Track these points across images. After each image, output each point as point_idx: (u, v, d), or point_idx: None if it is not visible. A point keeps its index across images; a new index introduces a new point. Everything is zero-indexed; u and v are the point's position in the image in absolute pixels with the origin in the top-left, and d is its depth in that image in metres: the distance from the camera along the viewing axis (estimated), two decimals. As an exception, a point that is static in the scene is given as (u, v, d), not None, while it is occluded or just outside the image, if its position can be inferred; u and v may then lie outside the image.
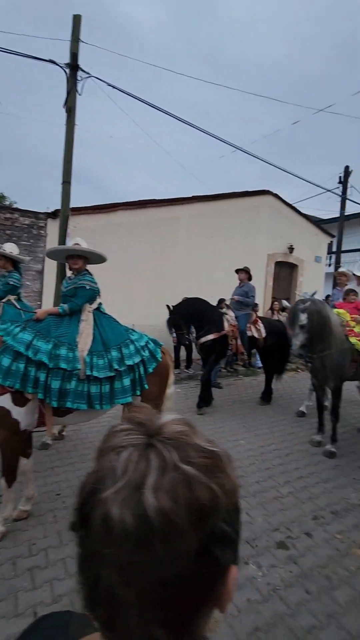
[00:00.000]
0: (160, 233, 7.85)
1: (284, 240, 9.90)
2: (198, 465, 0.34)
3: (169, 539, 0.30)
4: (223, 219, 8.71)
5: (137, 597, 0.31)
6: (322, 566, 2.24)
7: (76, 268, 2.77)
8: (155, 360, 2.71)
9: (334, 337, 3.84)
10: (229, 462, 0.38)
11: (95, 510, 0.32)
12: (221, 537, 0.34)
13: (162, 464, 0.33)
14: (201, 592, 0.34)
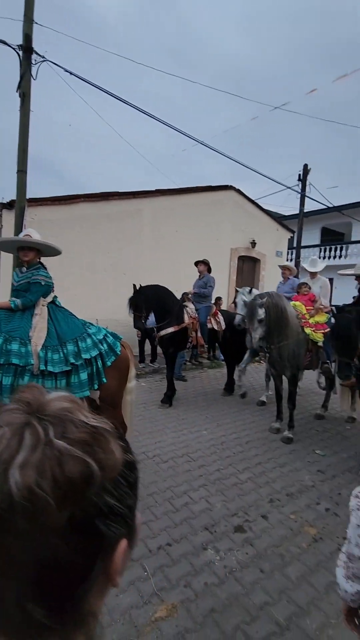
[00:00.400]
0: (124, 226, 7.74)
1: (247, 235, 10.12)
2: (73, 440, 0.34)
3: (34, 515, 0.30)
4: (187, 213, 8.73)
5: (10, 575, 0.31)
6: (276, 546, 2.35)
7: (26, 260, 2.66)
8: (114, 354, 2.68)
9: (290, 328, 4.00)
10: (113, 437, 0.38)
11: None
12: (104, 511, 0.34)
13: (35, 441, 0.32)
14: (84, 567, 0.34)
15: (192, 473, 3.21)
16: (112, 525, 0.35)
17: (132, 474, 0.39)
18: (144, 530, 2.43)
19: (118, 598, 1.89)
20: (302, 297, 4.75)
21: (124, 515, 0.37)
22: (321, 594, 1.97)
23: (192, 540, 2.36)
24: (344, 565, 1.04)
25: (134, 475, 0.40)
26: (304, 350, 4.20)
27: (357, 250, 16.09)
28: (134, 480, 0.39)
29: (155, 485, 2.99)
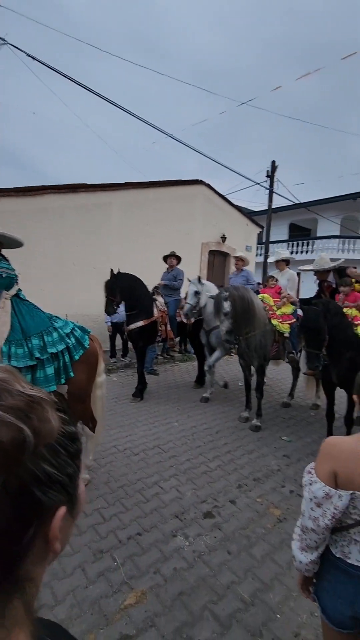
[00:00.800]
0: (92, 219, 7.58)
1: (217, 229, 10.23)
2: (7, 406, 0.35)
3: None
4: (157, 207, 8.69)
5: None
6: (244, 528, 2.44)
7: None
8: (82, 348, 2.65)
9: (257, 319, 4.10)
10: (51, 407, 0.40)
11: None
12: (41, 477, 0.35)
13: None
14: (18, 532, 0.35)
15: (163, 464, 3.25)
16: (49, 492, 0.36)
17: (73, 445, 0.40)
18: (114, 522, 2.44)
19: (87, 590, 1.90)
20: (269, 289, 4.89)
21: (63, 483, 0.38)
22: (284, 569, 2.08)
23: (162, 528, 2.40)
24: (298, 538, 1.11)
25: (75, 446, 0.41)
26: (271, 341, 4.33)
27: (322, 245, 16.70)
28: (75, 451, 0.41)
29: (125, 478, 3.00)
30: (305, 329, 3.40)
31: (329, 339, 3.26)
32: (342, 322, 3.40)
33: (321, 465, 1.04)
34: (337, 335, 3.29)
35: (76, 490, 0.41)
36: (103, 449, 3.43)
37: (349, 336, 3.39)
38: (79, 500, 0.42)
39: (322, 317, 3.23)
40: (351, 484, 0.99)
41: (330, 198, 17.34)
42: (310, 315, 3.30)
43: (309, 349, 3.33)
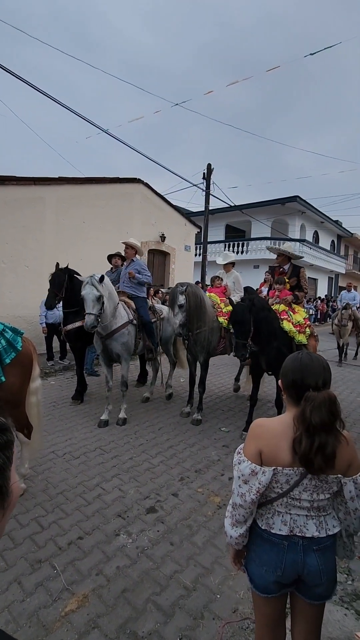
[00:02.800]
0: (24, 215, 7.12)
1: (156, 229, 10.29)
2: None
3: None
4: (95, 204, 8.46)
5: None
6: (186, 519, 2.51)
7: None
8: (14, 350, 2.49)
9: (207, 316, 4.28)
10: None
11: None
12: None
13: None
14: None
15: (105, 465, 3.20)
16: None
17: (1, 436, 0.40)
18: (54, 529, 2.35)
19: (24, 603, 1.80)
20: (216, 289, 5.11)
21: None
22: (223, 552, 2.18)
23: (104, 529, 2.37)
24: (229, 515, 1.19)
25: (4, 437, 0.41)
26: (217, 337, 4.49)
27: (255, 246, 17.72)
28: (3, 442, 0.41)
29: (65, 483, 2.89)
30: (233, 322, 3.68)
31: (256, 330, 3.56)
32: (268, 316, 3.75)
33: (248, 445, 1.13)
34: (264, 327, 3.62)
35: (7, 482, 0.40)
36: (41, 456, 3.26)
37: (275, 328, 3.79)
38: (10, 492, 0.41)
39: (248, 311, 3.51)
40: (274, 460, 1.09)
41: (262, 202, 18.47)
42: (238, 309, 3.58)
43: (237, 339, 3.61)
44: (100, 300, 3.85)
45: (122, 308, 4.36)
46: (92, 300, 3.81)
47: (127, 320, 4.31)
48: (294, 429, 1.08)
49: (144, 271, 4.75)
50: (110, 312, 4.09)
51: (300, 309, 4.37)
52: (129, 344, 4.31)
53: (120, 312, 4.26)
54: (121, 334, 4.21)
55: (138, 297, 4.73)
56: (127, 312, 4.41)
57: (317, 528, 1.13)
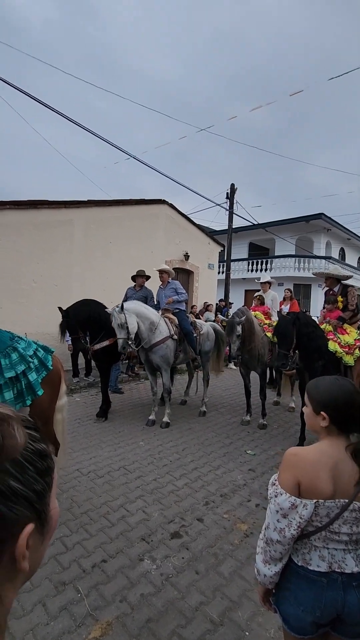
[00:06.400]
0: (54, 236, 7.45)
1: (180, 247, 10.45)
2: None
3: None
4: (121, 225, 8.74)
5: None
6: (211, 546, 2.43)
7: None
8: (45, 369, 2.56)
9: (257, 334, 4.70)
10: (18, 423, 0.40)
11: None
12: (5, 492, 0.36)
13: None
14: None
15: (129, 485, 3.17)
16: (15, 507, 0.36)
17: (41, 462, 0.41)
18: (78, 550, 2.33)
19: (49, 626, 1.78)
20: (259, 307, 5.63)
21: (29, 499, 0.38)
22: (252, 585, 2.08)
23: (128, 553, 2.33)
24: (262, 551, 1.13)
25: (44, 463, 0.41)
26: (267, 349, 4.93)
27: (280, 264, 17.59)
28: (44, 468, 0.41)
29: (90, 502, 2.88)
30: (277, 333, 4.04)
31: (301, 345, 3.85)
32: (313, 333, 3.92)
33: (285, 476, 1.08)
34: (307, 343, 3.85)
35: (46, 508, 0.41)
36: (65, 473, 3.28)
37: (319, 346, 3.91)
38: (50, 519, 0.42)
39: (291, 324, 3.83)
40: (314, 492, 1.04)
41: (285, 220, 18.43)
42: (282, 322, 3.96)
43: (279, 349, 3.94)
44: (124, 326, 4.36)
45: (164, 324, 4.83)
46: (117, 328, 4.40)
47: (167, 335, 4.75)
48: (334, 459, 1.05)
49: (180, 290, 5.24)
50: (147, 328, 4.60)
51: (353, 330, 4.32)
52: (167, 356, 4.75)
53: (161, 328, 4.72)
54: (160, 348, 4.67)
55: (180, 312, 5.16)
56: (169, 327, 4.86)
57: (356, 563, 1.06)
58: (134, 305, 4.58)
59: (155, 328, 4.66)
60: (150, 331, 4.62)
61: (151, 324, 4.63)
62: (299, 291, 17.34)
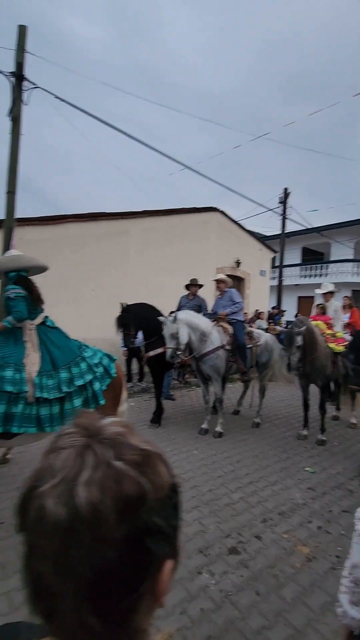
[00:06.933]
0: (111, 246, 7.82)
1: (231, 254, 10.38)
2: (129, 461, 0.37)
3: (95, 528, 0.33)
4: (173, 233, 8.92)
5: (70, 586, 0.34)
6: (271, 566, 2.34)
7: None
8: (109, 377, 2.68)
9: (319, 345, 4.52)
10: (160, 460, 0.41)
11: (31, 505, 0.35)
12: (153, 529, 0.37)
13: (96, 462, 0.36)
14: (134, 583, 0.36)
15: (185, 494, 3.18)
16: (159, 544, 0.38)
17: (175, 496, 0.42)
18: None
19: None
20: (320, 317, 5.33)
21: (170, 535, 0.39)
22: (317, 614, 1.97)
23: (186, 564, 2.33)
24: (349, 591, 1.04)
25: (177, 497, 0.42)
26: (329, 361, 4.72)
27: (336, 269, 16.68)
28: (177, 502, 0.42)
29: (147, 509, 2.94)
30: (353, 349, 4.00)
31: None
32: None
33: None
34: None
35: (178, 544, 0.42)
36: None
37: None
38: (179, 554, 0.43)
39: None
40: None
41: (342, 223, 17.47)
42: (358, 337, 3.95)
43: (353, 364, 3.93)
44: (175, 336, 4.40)
45: (217, 333, 4.78)
46: (168, 337, 4.48)
47: (218, 345, 4.70)
48: None
49: (236, 299, 5.17)
50: (197, 339, 4.59)
51: None
52: (217, 366, 4.69)
53: (212, 338, 4.69)
54: (210, 358, 4.64)
55: (236, 322, 5.04)
56: (222, 337, 4.80)
57: None
58: (186, 316, 4.62)
59: (206, 338, 4.64)
60: (201, 341, 4.61)
61: (202, 334, 4.63)
62: (358, 298, 16.29)
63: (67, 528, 0.33)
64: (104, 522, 0.34)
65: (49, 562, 0.34)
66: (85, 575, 0.34)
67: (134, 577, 0.36)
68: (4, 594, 2.04)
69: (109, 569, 0.34)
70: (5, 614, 1.91)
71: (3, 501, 2.94)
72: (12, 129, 5.70)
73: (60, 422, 2.35)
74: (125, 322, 4.80)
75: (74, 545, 0.33)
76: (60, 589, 0.34)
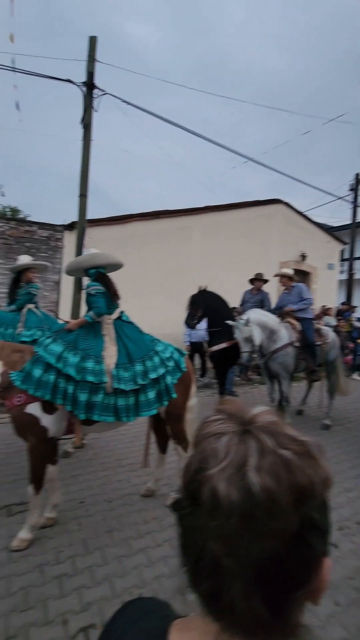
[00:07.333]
0: (173, 242, 7.96)
1: (296, 248, 9.91)
2: (295, 451, 0.36)
3: (271, 515, 0.33)
4: (235, 228, 8.78)
5: (241, 568, 0.34)
6: (350, 577, 2.21)
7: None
8: (180, 370, 2.73)
9: None
10: (320, 453, 0.40)
11: (203, 487, 0.35)
12: (315, 524, 0.36)
13: (261, 448, 0.36)
14: (297, 577, 0.36)
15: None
16: (318, 540, 0.37)
17: (327, 492, 0.40)
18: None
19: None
20: None
21: (326, 532, 0.38)
22: None
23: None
24: None
25: (326, 494, 0.40)
26: None
27: None
28: (327, 499, 0.40)
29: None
30: None
31: None
32: None
33: None
34: None
35: (329, 542, 0.41)
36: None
37: None
38: (330, 554, 0.41)
39: None
40: None
41: None
42: None
43: None
44: (249, 340, 4.29)
45: (285, 330, 4.60)
46: (242, 341, 4.36)
47: (287, 342, 4.53)
48: None
49: (305, 296, 4.90)
50: (267, 337, 4.45)
51: None
52: (286, 363, 4.54)
53: (281, 335, 4.53)
54: (279, 355, 4.49)
55: (305, 319, 4.82)
56: (290, 334, 4.62)
57: None
58: (256, 316, 4.50)
59: (274, 335, 4.52)
60: (270, 339, 4.51)
61: (271, 332, 4.51)
62: None
63: (244, 512, 0.33)
64: (279, 510, 0.33)
65: (219, 542, 0.34)
66: (256, 560, 0.34)
67: (301, 571, 0.36)
68: (87, 569, 2.20)
69: (280, 559, 0.34)
70: (88, 587, 2.06)
71: (81, 483, 3.18)
72: (83, 136, 6.06)
73: (135, 413, 2.45)
74: (197, 301, 4.91)
75: (250, 530, 0.33)
76: (230, 569, 0.34)
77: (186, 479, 0.38)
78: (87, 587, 2.06)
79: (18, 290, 3.78)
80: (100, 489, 3.09)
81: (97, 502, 2.88)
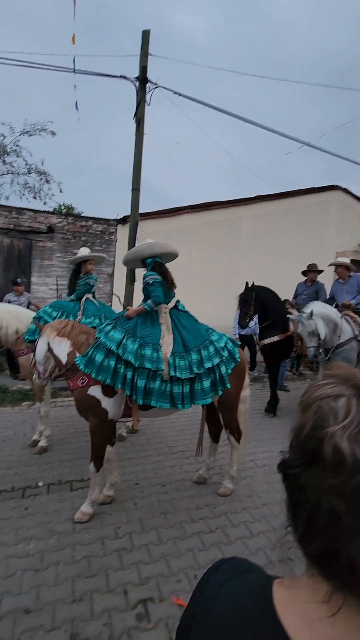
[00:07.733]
0: (223, 234, 7.88)
1: (355, 237, 9.29)
2: None
3: None
4: (288, 217, 8.46)
5: None
6: None
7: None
8: (234, 361, 2.72)
9: None
10: None
11: (323, 445, 0.36)
12: None
13: None
14: None
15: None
16: None
17: None
18: (262, 540, 2.39)
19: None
20: None
21: None
22: None
23: (315, 559, 2.23)
24: None
25: None
26: None
27: None
28: None
29: (268, 496, 2.92)
30: None
31: None
32: None
33: None
34: None
35: None
36: (242, 462, 3.43)
37: None
38: None
39: None
40: None
41: None
42: None
43: None
44: (314, 333, 4.10)
45: (346, 323, 4.39)
46: (307, 336, 4.17)
47: (351, 336, 4.34)
48: None
49: None
50: (330, 331, 4.26)
51: None
52: (350, 358, 4.33)
53: (344, 329, 4.33)
54: (343, 350, 4.30)
55: None
56: (353, 327, 4.43)
57: None
58: (319, 309, 4.26)
59: (338, 330, 4.30)
60: (334, 333, 4.29)
61: (335, 326, 4.30)
62: None
63: None
64: None
65: (344, 500, 0.34)
66: None
67: None
68: (144, 546, 2.30)
69: None
70: (146, 563, 2.15)
71: (135, 466, 3.31)
72: (136, 130, 6.17)
73: (191, 401, 2.49)
74: (247, 299, 4.77)
75: None
76: (352, 525, 0.34)
77: (301, 438, 0.39)
78: (144, 563, 2.15)
79: (78, 281, 3.99)
80: (153, 472, 3.20)
81: (151, 485, 2.99)
